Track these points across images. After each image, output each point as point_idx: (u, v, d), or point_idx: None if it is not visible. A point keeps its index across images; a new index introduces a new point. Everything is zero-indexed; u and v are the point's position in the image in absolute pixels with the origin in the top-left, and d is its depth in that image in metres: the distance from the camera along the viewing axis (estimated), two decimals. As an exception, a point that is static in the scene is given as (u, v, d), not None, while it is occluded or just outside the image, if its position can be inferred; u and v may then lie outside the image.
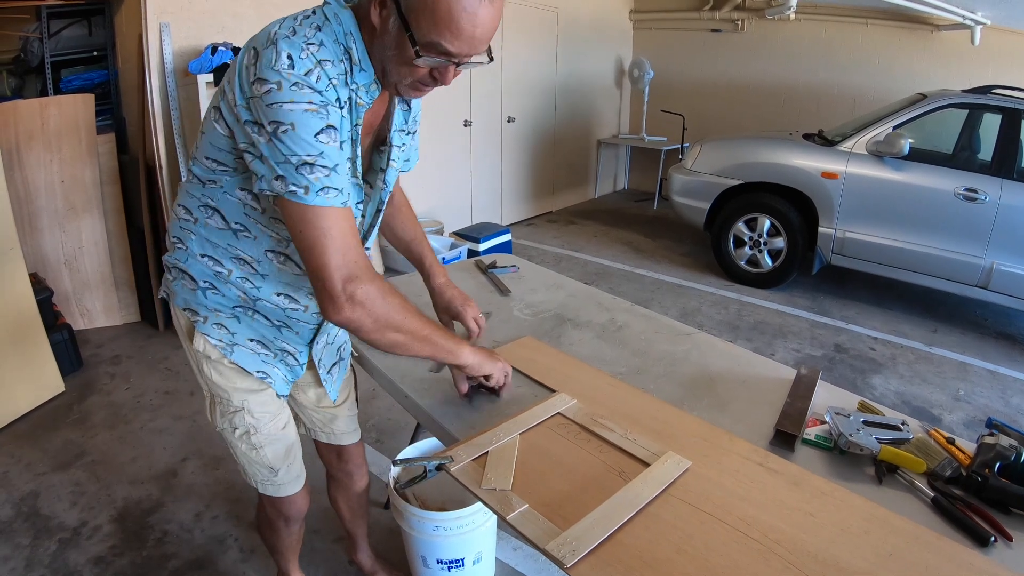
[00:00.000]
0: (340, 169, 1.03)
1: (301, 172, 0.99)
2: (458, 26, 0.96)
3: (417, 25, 0.97)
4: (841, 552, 1.00)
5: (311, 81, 0.98)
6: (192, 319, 1.28)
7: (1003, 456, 1.18)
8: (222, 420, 1.37)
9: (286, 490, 1.48)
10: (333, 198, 1.02)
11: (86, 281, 3.73)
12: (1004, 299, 4.12)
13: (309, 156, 0.99)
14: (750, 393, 1.50)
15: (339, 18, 1.05)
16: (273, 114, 0.97)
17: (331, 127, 1.01)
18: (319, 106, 0.99)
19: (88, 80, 3.97)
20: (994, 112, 4.26)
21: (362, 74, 1.08)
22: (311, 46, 0.99)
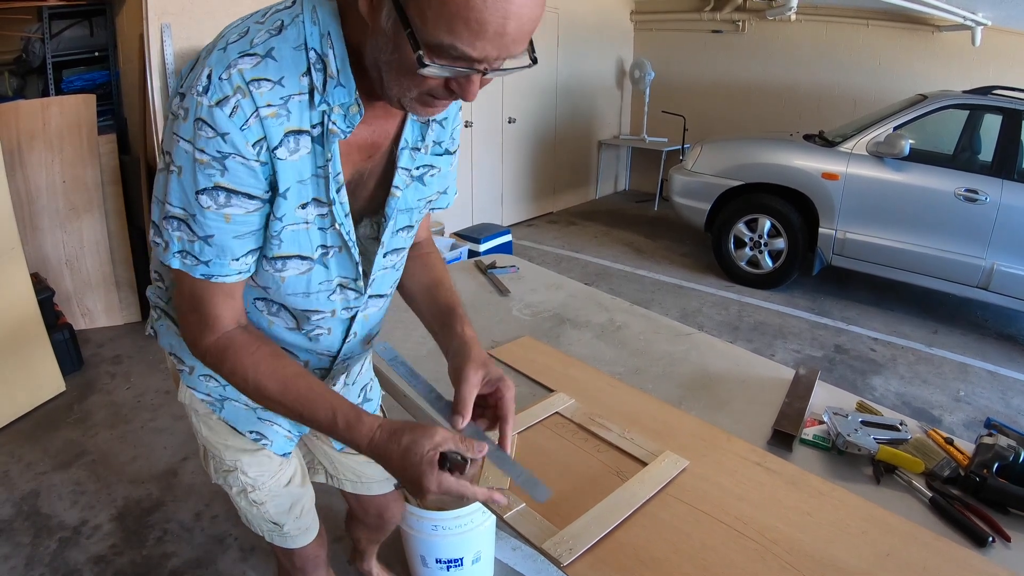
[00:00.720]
0: (216, 242, 0.82)
1: (166, 223, 0.82)
2: (480, 19, 0.67)
3: (421, 19, 0.69)
4: (838, 552, 1.01)
5: (220, 117, 0.75)
6: (178, 367, 1.13)
7: (1001, 456, 1.19)
8: (216, 476, 1.22)
9: (294, 542, 1.31)
10: (191, 266, 0.83)
11: (87, 281, 3.73)
12: (1005, 300, 4.12)
13: (180, 212, 0.81)
14: (748, 393, 1.50)
15: (316, 14, 0.80)
16: (168, 143, 0.80)
17: (223, 190, 0.79)
18: (211, 159, 0.77)
19: (89, 80, 3.98)
20: (994, 113, 4.26)
21: (339, 91, 0.81)
22: (247, 59, 0.76)
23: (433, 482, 0.82)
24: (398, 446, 0.83)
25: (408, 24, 0.69)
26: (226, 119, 0.75)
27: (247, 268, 0.87)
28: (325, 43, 0.79)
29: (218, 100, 0.74)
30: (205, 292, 0.87)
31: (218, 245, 0.82)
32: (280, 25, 0.78)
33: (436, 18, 0.67)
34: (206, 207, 0.79)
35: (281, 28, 0.78)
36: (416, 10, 0.68)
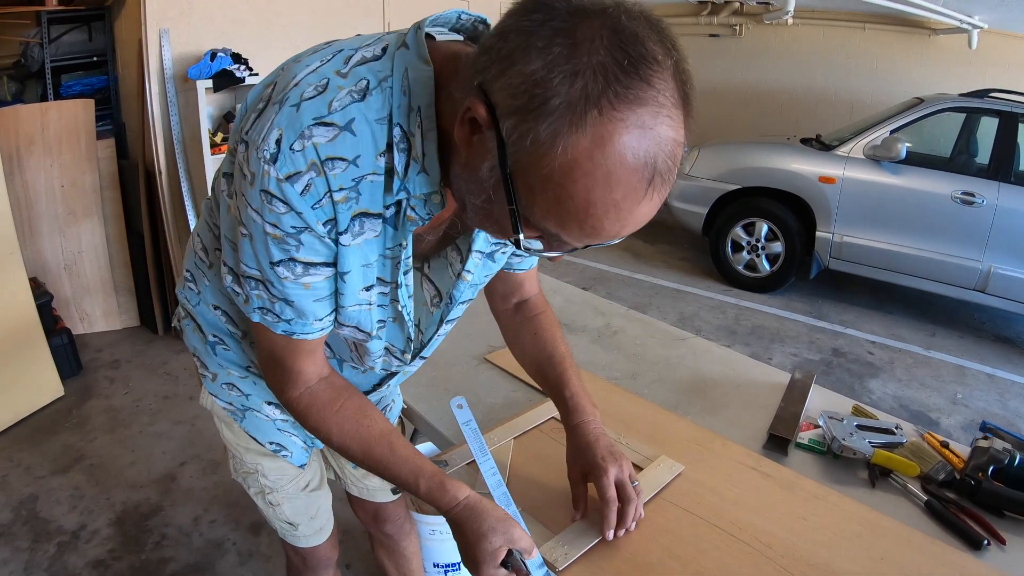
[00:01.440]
0: (299, 306, 0.77)
1: (245, 282, 0.77)
2: (597, 225, 0.60)
3: (529, 199, 0.61)
4: (833, 556, 1.02)
5: (288, 194, 0.67)
6: (200, 371, 1.12)
7: (997, 460, 1.19)
8: (236, 475, 1.22)
9: (308, 542, 1.30)
10: (272, 323, 0.80)
11: (86, 286, 3.73)
12: (1002, 302, 4.14)
13: (256, 274, 0.75)
14: (744, 397, 1.51)
15: (408, 78, 0.68)
16: (240, 208, 0.72)
17: (299, 263, 0.73)
18: (286, 234, 0.70)
19: (88, 85, 3.98)
20: (991, 116, 4.30)
21: (421, 177, 0.71)
22: (323, 128, 0.66)
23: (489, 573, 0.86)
24: (477, 527, 0.87)
25: (513, 200, 0.61)
26: (298, 196, 0.67)
27: (329, 325, 0.84)
28: (413, 120, 0.69)
29: (288, 175, 0.66)
30: (287, 348, 0.84)
31: (299, 308, 0.78)
32: (365, 88, 0.68)
33: (546, 208, 0.60)
34: (283, 277, 0.74)
35: (365, 93, 0.67)
36: (525, 189, 0.60)
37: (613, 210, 0.59)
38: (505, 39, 0.58)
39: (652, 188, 0.59)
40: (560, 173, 0.57)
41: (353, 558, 2.11)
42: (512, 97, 0.57)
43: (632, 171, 0.57)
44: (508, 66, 0.57)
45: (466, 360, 1.63)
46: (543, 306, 1.21)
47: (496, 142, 0.59)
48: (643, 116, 0.55)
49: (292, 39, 3.97)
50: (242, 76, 3.38)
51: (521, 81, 0.56)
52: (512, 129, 0.57)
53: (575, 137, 0.55)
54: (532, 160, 0.58)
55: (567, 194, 0.58)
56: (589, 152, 0.55)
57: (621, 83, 0.54)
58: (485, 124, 0.60)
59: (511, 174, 0.60)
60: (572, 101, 0.54)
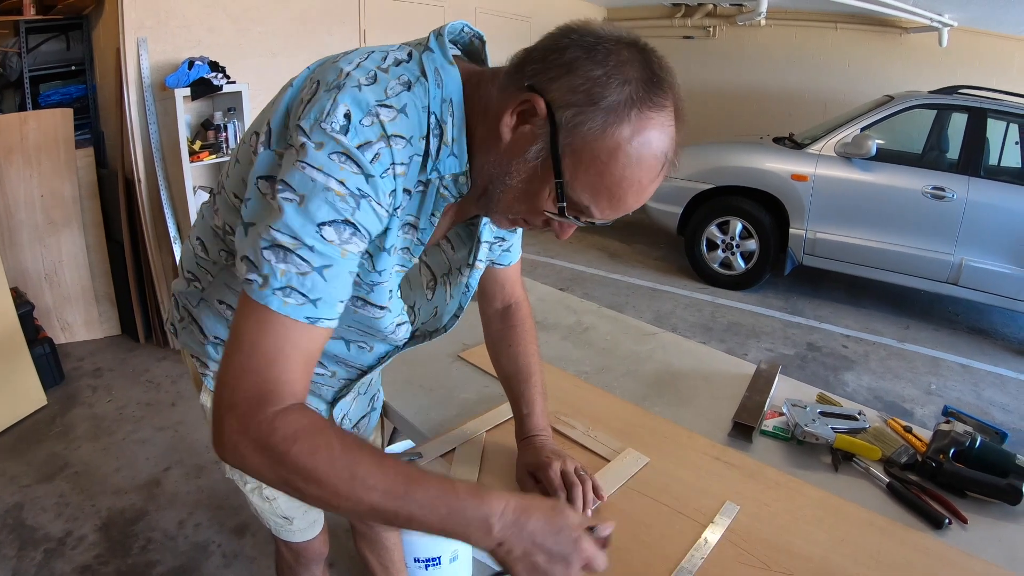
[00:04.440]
0: (331, 275, 0.74)
1: (266, 256, 0.72)
2: (623, 198, 0.77)
3: (572, 175, 0.75)
4: (794, 539, 1.06)
5: (363, 158, 0.72)
6: (200, 370, 1.12)
7: (958, 442, 1.24)
8: (231, 472, 1.21)
9: (302, 536, 1.32)
10: (294, 306, 0.73)
11: (66, 295, 3.73)
12: (974, 294, 4.25)
13: (291, 240, 0.72)
14: (711, 388, 1.57)
15: (440, 77, 0.80)
16: (290, 175, 0.73)
17: (349, 224, 0.74)
18: (349, 193, 0.73)
19: (67, 95, 3.97)
20: (960, 112, 4.40)
21: (451, 160, 0.81)
22: (385, 110, 0.74)
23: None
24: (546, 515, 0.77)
25: (560, 174, 0.75)
26: (369, 163, 0.73)
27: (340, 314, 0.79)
28: (446, 109, 0.80)
29: (360, 144, 0.72)
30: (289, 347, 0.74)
31: (332, 280, 0.75)
32: (408, 81, 0.78)
33: (586, 183, 0.76)
34: (329, 239, 0.73)
35: (410, 84, 0.77)
36: (570, 164, 0.75)
37: (636, 186, 0.76)
38: (561, 53, 0.74)
39: (663, 172, 0.77)
40: (606, 153, 0.73)
41: (336, 556, 2.14)
42: (571, 93, 0.72)
43: (654, 157, 0.75)
44: (569, 71, 0.73)
45: (441, 358, 1.68)
46: (525, 317, 1.27)
47: (549, 128, 0.74)
48: (663, 119, 0.74)
49: (269, 46, 4.00)
50: (219, 84, 3.39)
51: (583, 82, 0.72)
52: (570, 118, 0.73)
53: (621, 127, 0.72)
54: (584, 142, 0.73)
55: (608, 170, 0.74)
56: (629, 139, 0.72)
57: (653, 93, 0.73)
58: (541, 114, 0.74)
59: (560, 154, 0.74)
60: (622, 101, 0.72)
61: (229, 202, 0.90)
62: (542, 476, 1.09)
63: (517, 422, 1.20)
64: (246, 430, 0.71)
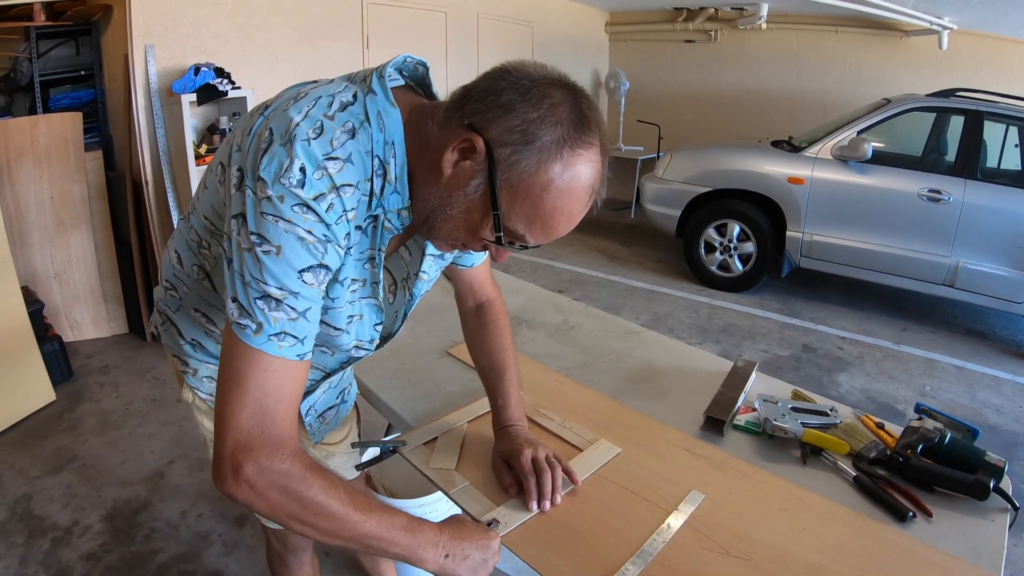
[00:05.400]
0: (312, 316, 0.84)
1: (260, 304, 0.80)
2: (554, 226, 0.85)
3: (509, 208, 0.83)
4: (755, 527, 1.11)
5: (320, 208, 0.79)
6: (181, 369, 1.20)
7: (927, 438, 1.27)
8: None
9: None
10: (288, 348, 0.82)
11: (75, 294, 3.81)
12: (971, 296, 4.26)
13: (279, 291, 0.80)
14: (688, 384, 1.62)
15: (382, 120, 0.85)
16: (263, 227, 0.78)
17: (323, 267, 0.82)
18: (318, 240, 0.80)
19: (76, 99, 4.06)
20: (957, 114, 4.41)
21: (395, 196, 0.88)
22: (332, 162, 0.80)
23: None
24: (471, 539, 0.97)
25: (496, 207, 0.83)
26: (324, 213, 0.79)
27: None
28: (388, 151, 0.85)
29: (315, 196, 0.78)
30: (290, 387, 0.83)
31: (313, 319, 0.85)
32: (352, 128, 0.82)
33: (521, 214, 0.84)
34: (309, 283, 0.81)
35: (354, 132, 0.82)
36: (507, 198, 0.83)
37: (567, 215, 0.84)
38: (498, 95, 0.81)
39: (590, 200, 0.86)
40: (540, 187, 0.81)
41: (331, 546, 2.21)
42: (508, 133, 0.79)
43: (583, 189, 0.83)
44: (507, 113, 0.80)
45: (430, 354, 1.75)
46: (498, 313, 1.36)
47: (487, 165, 0.81)
48: (591, 155, 0.82)
49: (273, 53, 4.08)
50: (225, 90, 3.47)
51: (519, 123, 0.79)
52: (507, 156, 0.80)
53: (553, 164, 0.80)
54: (520, 178, 0.81)
55: (541, 203, 0.82)
56: (560, 174, 0.81)
57: (582, 132, 0.81)
58: (481, 152, 0.81)
59: (497, 188, 0.82)
60: (555, 140, 0.79)
61: (202, 222, 0.98)
62: (514, 463, 1.16)
63: (494, 413, 1.28)
64: (267, 472, 0.79)
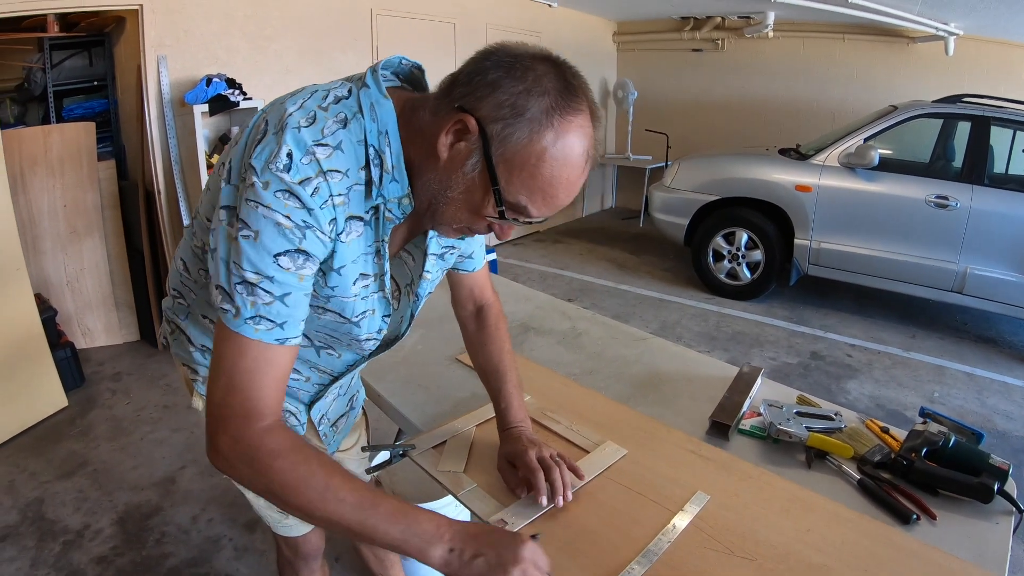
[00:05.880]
0: (292, 301, 0.85)
1: (238, 289, 0.83)
2: (555, 194, 0.86)
3: (507, 181, 0.84)
4: (760, 527, 1.12)
5: (304, 193, 0.81)
6: (191, 377, 1.21)
7: (931, 441, 1.27)
8: None
9: (297, 530, 1.38)
10: (264, 331, 0.84)
11: (87, 301, 3.85)
12: (979, 302, 4.24)
13: (254, 275, 0.82)
14: (693, 390, 1.63)
15: (375, 112, 0.87)
16: (245, 212, 0.81)
17: (301, 252, 0.83)
18: (295, 225, 0.82)
19: (89, 109, 4.11)
20: (964, 120, 4.40)
21: (393, 185, 0.90)
22: (321, 147, 0.82)
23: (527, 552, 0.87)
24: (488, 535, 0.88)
25: (496, 182, 0.84)
26: (309, 197, 0.81)
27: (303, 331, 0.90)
28: (383, 140, 0.88)
29: (301, 180, 0.80)
30: (263, 368, 0.85)
31: (293, 305, 0.85)
32: (344, 118, 0.85)
33: (520, 186, 0.85)
34: (286, 268, 0.83)
35: (346, 122, 0.85)
36: (504, 172, 0.84)
37: (565, 183, 0.85)
38: (484, 74, 0.83)
39: (586, 166, 0.87)
40: (536, 157, 0.82)
41: (342, 550, 2.23)
42: (498, 109, 0.81)
43: (578, 156, 0.84)
44: (494, 90, 0.82)
45: (439, 360, 1.77)
46: (498, 317, 1.38)
47: (481, 143, 0.83)
48: (581, 121, 0.84)
49: (284, 63, 4.13)
50: (236, 100, 3.51)
51: (507, 98, 0.81)
52: (499, 131, 0.82)
53: (545, 133, 0.81)
54: (515, 151, 0.82)
55: (539, 172, 0.83)
56: (553, 142, 0.82)
57: (569, 100, 0.82)
58: (474, 131, 0.83)
59: (494, 164, 0.83)
60: (544, 110, 0.81)
61: (204, 224, 1.00)
62: (519, 463, 1.17)
63: (498, 416, 1.30)
64: (236, 444, 0.83)
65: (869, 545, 1.08)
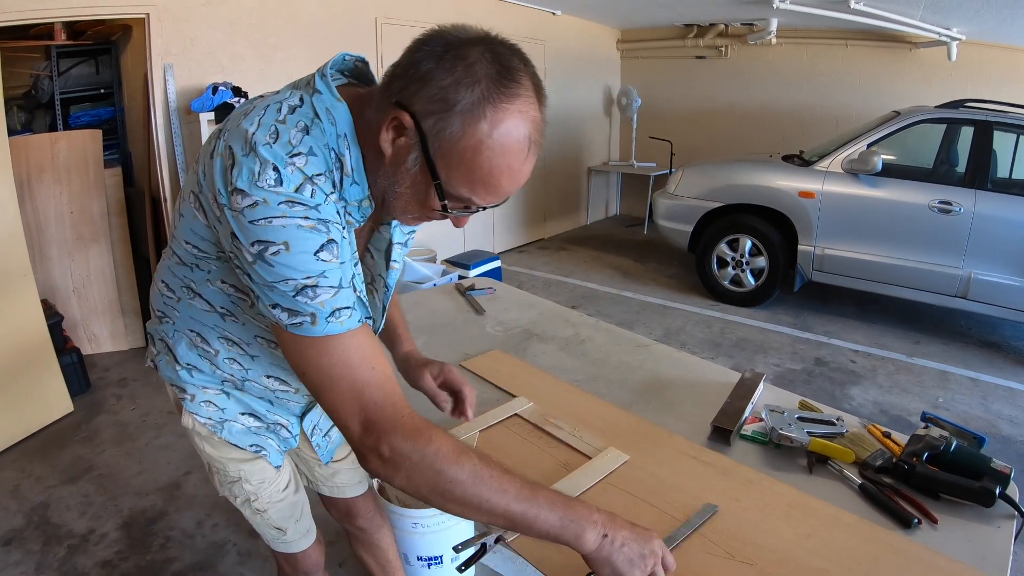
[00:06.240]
0: (347, 284, 0.87)
1: (302, 298, 0.83)
2: (497, 184, 0.84)
3: (448, 175, 0.83)
4: (760, 532, 1.13)
5: (304, 197, 0.81)
6: (179, 397, 1.18)
7: (932, 446, 1.28)
8: (222, 488, 1.28)
9: (297, 546, 1.39)
10: (348, 319, 0.86)
11: (94, 308, 3.87)
12: (984, 308, 4.22)
13: (309, 278, 0.82)
14: (695, 395, 1.64)
15: (331, 115, 0.87)
16: (260, 232, 0.80)
17: (332, 242, 0.84)
18: (317, 222, 0.82)
19: (96, 116, 4.15)
20: (966, 125, 4.40)
21: (354, 188, 0.90)
22: (297, 158, 0.82)
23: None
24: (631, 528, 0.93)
25: (436, 176, 0.84)
26: (309, 198, 0.81)
27: None
28: (342, 143, 0.87)
29: (295, 187, 0.81)
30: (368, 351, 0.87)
31: (350, 287, 0.88)
32: (304, 127, 0.85)
33: (460, 179, 0.84)
34: (328, 260, 0.83)
35: (307, 129, 0.85)
36: (443, 166, 0.83)
37: (508, 171, 0.83)
38: (417, 67, 0.81)
39: (530, 152, 0.84)
40: (471, 150, 0.80)
41: (347, 557, 2.23)
42: (430, 103, 0.80)
43: (517, 142, 0.82)
44: (425, 83, 0.80)
45: (444, 366, 1.77)
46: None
47: (419, 138, 0.82)
48: (519, 106, 0.81)
49: (289, 72, 4.13)
50: (242, 107, 3.53)
51: (436, 92, 0.79)
52: (432, 126, 0.80)
53: (478, 124, 0.79)
54: (449, 145, 0.81)
55: (476, 164, 0.81)
56: (489, 133, 0.80)
57: (504, 86, 0.80)
58: (409, 126, 0.82)
59: (433, 158, 0.82)
60: (475, 101, 0.79)
61: (184, 248, 1.00)
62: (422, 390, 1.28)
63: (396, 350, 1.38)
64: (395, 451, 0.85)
65: (870, 549, 1.08)
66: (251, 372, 1.14)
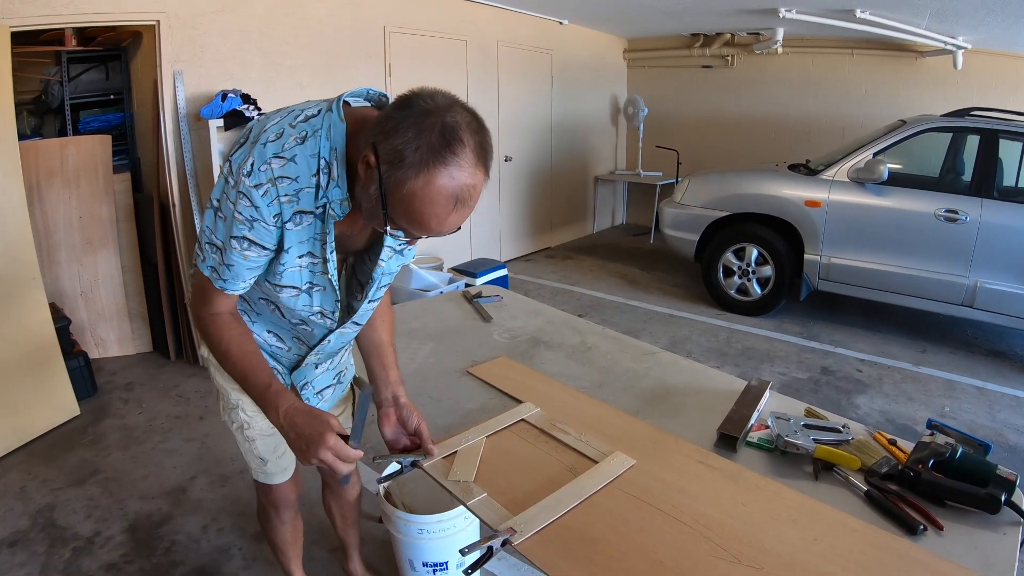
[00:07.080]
0: (234, 270, 1.15)
1: (208, 247, 1.16)
2: (427, 225, 1.04)
3: (392, 209, 1.03)
4: (767, 537, 1.13)
5: (255, 195, 1.07)
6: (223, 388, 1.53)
7: (938, 453, 1.28)
8: (224, 414, 1.58)
9: (274, 479, 1.65)
10: (214, 279, 1.18)
11: (101, 312, 3.90)
12: (990, 316, 4.20)
13: (219, 243, 1.14)
14: (702, 402, 1.64)
15: (331, 133, 1.10)
16: (224, 198, 1.11)
17: (247, 240, 1.12)
18: (246, 220, 1.09)
19: (105, 122, 4.17)
20: (972, 134, 4.39)
21: (336, 190, 1.12)
22: (277, 160, 1.08)
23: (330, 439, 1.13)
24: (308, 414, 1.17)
25: (385, 207, 1.03)
26: (260, 197, 1.08)
27: (247, 287, 1.22)
28: (333, 155, 1.10)
29: (256, 184, 1.07)
30: (212, 292, 1.21)
31: (235, 273, 1.17)
32: (304, 136, 1.09)
33: (400, 214, 1.03)
34: (234, 248, 1.13)
35: (304, 139, 1.09)
36: (391, 201, 1.02)
37: (435, 218, 1.02)
38: (391, 121, 1.00)
39: (456, 207, 1.02)
40: (409, 196, 1.00)
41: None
42: (389, 154, 0.99)
43: (444, 198, 1.00)
44: (388, 137, 0.99)
45: (451, 373, 1.80)
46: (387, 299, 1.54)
47: (378, 177, 1.01)
48: (451, 171, 0.98)
49: (299, 79, 4.18)
50: (251, 115, 3.54)
51: (392, 148, 0.98)
52: (386, 172, 1.00)
53: (415, 180, 0.98)
54: (395, 188, 1.00)
55: (411, 208, 1.01)
56: (422, 188, 0.98)
57: (441, 154, 0.97)
58: (373, 166, 1.02)
59: (385, 194, 1.02)
60: (416, 162, 0.97)
61: None
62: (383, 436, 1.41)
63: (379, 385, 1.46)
64: (197, 319, 1.27)
65: (876, 555, 1.09)
66: (255, 326, 1.38)
